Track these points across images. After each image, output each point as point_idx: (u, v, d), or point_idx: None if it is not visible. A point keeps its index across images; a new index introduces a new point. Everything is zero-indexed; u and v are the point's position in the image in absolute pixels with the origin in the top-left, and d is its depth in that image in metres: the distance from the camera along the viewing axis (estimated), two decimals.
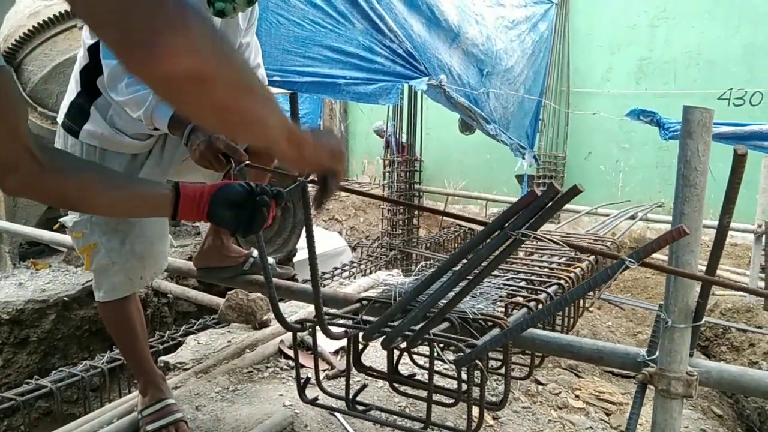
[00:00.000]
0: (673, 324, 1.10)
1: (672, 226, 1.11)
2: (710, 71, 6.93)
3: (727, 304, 4.03)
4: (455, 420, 2.04)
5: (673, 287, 1.10)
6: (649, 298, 5.15)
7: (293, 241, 4.86)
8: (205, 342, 2.69)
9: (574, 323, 1.91)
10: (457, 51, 4.81)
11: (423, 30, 4.39)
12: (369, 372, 1.49)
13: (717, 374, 1.14)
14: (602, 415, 2.29)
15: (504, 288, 1.56)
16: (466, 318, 1.30)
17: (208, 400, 2.10)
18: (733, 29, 6.76)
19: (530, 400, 2.31)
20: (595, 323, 3.70)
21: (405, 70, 4.17)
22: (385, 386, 2.23)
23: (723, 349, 3.63)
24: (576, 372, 2.67)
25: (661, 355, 1.13)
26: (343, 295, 1.70)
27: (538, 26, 6.35)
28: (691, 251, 1.07)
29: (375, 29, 3.88)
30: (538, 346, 1.32)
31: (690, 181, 1.05)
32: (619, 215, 3.41)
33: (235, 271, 1.90)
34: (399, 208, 6.10)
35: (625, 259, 0.87)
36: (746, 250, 5.82)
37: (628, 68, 7.49)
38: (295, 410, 1.99)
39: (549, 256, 2.01)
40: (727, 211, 0.94)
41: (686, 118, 1.05)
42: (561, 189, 0.87)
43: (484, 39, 5.14)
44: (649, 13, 7.31)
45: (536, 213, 0.89)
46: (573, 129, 7.80)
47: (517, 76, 5.75)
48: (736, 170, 0.86)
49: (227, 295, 2.96)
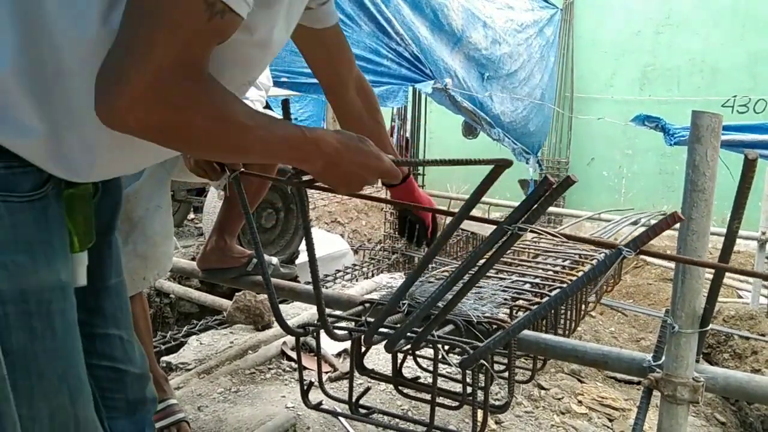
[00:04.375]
0: (680, 329, 1.09)
1: (679, 233, 1.11)
2: (714, 78, 6.92)
3: (730, 311, 4.02)
4: (458, 424, 2.04)
5: (680, 292, 1.09)
6: (651, 304, 5.13)
7: (296, 243, 4.85)
8: (208, 343, 2.68)
9: (576, 326, 1.90)
10: (458, 55, 4.82)
11: (428, 33, 4.40)
12: (372, 375, 1.49)
13: (723, 380, 1.13)
14: (605, 421, 2.29)
15: (508, 291, 1.56)
16: (470, 321, 1.30)
17: (210, 401, 2.10)
18: (738, 37, 6.76)
19: (533, 405, 2.31)
20: (597, 329, 3.69)
21: (411, 73, 4.17)
22: (387, 389, 2.22)
23: (725, 356, 3.62)
24: (579, 377, 2.66)
25: (667, 360, 1.12)
26: (347, 297, 1.69)
27: (544, 31, 6.35)
28: (699, 256, 1.07)
29: (382, 32, 3.89)
30: (543, 350, 1.32)
31: (698, 186, 1.05)
32: (621, 221, 3.40)
33: (238, 272, 1.90)
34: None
35: (622, 248, 0.85)
36: (749, 258, 5.80)
37: (632, 74, 7.49)
38: (298, 412, 1.99)
39: (554, 259, 2.00)
40: (737, 216, 0.93)
41: (695, 122, 1.05)
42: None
43: (488, 43, 5.14)
44: (654, 20, 7.31)
45: (531, 206, 0.89)
46: (576, 135, 7.79)
47: (522, 80, 5.74)
48: (746, 175, 0.86)
49: (235, 297, 2.96)
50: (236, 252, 1.91)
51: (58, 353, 0.85)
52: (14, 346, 0.80)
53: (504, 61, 5.40)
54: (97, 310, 1.08)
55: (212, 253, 1.90)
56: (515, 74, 5.63)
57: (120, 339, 1.12)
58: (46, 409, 0.83)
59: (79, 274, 0.96)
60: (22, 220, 0.81)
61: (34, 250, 0.82)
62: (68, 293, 0.89)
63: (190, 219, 6.16)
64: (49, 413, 0.84)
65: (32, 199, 0.82)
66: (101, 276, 1.07)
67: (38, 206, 0.83)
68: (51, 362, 0.84)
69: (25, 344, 0.81)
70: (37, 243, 0.83)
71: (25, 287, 0.81)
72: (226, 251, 1.89)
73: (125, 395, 1.13)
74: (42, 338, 0.83)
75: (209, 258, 1.91)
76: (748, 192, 0.90)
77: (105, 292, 1.09)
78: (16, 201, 0.80)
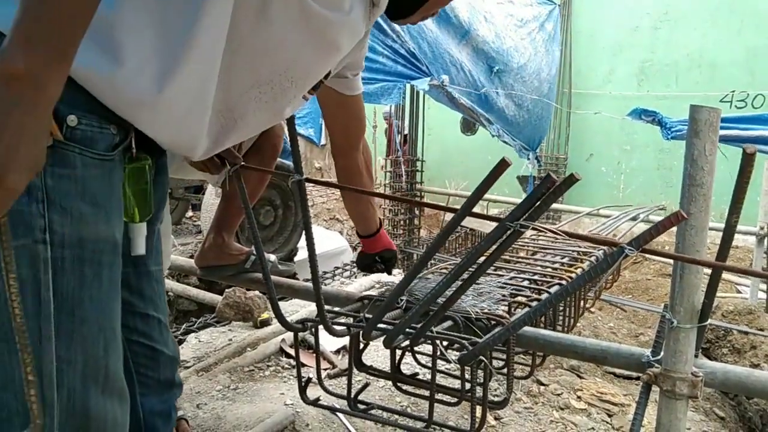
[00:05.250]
0: (679, 324, 1.09)
1: (677, 229, 1.10)
2: (712, 74, 6.92)
3: (729, 306, 4.02)
4: (457, 420, 2.04)
5: (679, 287, 1.09)
6: (650, 300, 5.14)
7: (294, 240, 4.84)
8: (206, 340, 2.68)
9: (575, 322, 1.90)
10: (466, 48, 4.80)
11: (433, 26, 4.38)
12: (371, 371, 1.49)
13: (722, 375, 1.13)
14: (604, 416, 2.29)
15: (507, 287, 1.56)
16: (469, 317, 1.30)
17: (209, 399, 2.10)
18: (735, 32, 6.76)
19: (532, 401, 2.31)
20: (596, 324, 3.69)
21: (407, 70, 4.16)
22: (386, 385, 2.22)
23: (724, 351, 3.62)
24: (578, 373, 2.66)
25: (666, 355, 1.12)
26: (345, 293, 1.69)
27: (545, 26, 6.35)
28: (697, 251, 1.07)
29: (377, 28, 3.87)
30: (542, 345, 1.32)
31: (697, 181, 1.04)
32: (620, 217, 3.40)
33: (236, 269, 1.89)
34: (400, 208, 6.09)
35: (624, 246, 0.85)
36: (747, 253, 5.81)
37: (630, 70, 7.49)
38: (297, 409, 1.99)
39: (552, 255, 2.00)
40: (735, 210, 0.93)
41: (693, 117, 1.04)
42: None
43: (493, 36, 5.13)
44: (652, 16, 7.31)
45: (533, 203, 0.89)
46: (574, 130, 7.80)
47: (531, 73, 5.73)
48: (745, 169, 0.86)
49: (225, 293, 2.96)
50: (234, 249, 1.90)
51: (101, 304, 0.89)
52: (64, 288, 0.84)
53: (511, 54, 5.40)
54: (139, 291, 1.14)
55: (210, 251, 1.90)
56: (525, 67, 5.62)
57: (158, 321, 1.19)
58: (82, 355, 0.86)
59: (138, 244, 1.04)
60: (92, 175, 0.86)
61: (97, 204, 0.87)
62: (118, 251, 0.93)
63: (189, 216, 6.15)
64: (84, 359, 0.86)
65: (104, 158, 0.88)
66: (144, 261, 1.12)
67: (108, 167, 0.89)
68: (93, 311, 0.88)
69: (74, 288, 0.85)
70: (100, 198, 0.88)
71: (84, 235, 0.86)
72: (224, 248, 1.89)
73: (158, 374, 1.20)
74: (90, 286, 0.87)
75: (207, 255, 1.91)
76: (747, 186, 0.89)
77: (146, 276, 1.15)
78: (89, 156, 0.86)
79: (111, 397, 0.91)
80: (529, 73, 5.69)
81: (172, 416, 1.27)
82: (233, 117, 1.04)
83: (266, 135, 1.84)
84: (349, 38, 1.10)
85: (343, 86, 1.40)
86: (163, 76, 0.87)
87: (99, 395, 0.89)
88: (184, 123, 0.96)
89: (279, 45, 0.98)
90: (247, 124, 1.08)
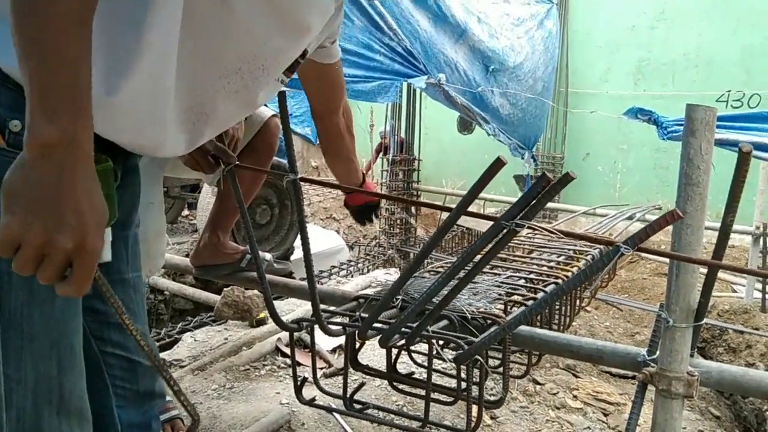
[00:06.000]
0: (674, 324, 1.09)
1: (673, 228, 1.10)
2: (708, 73, 6.94)
3: (725, 305, 4.03)
4: (453, 419, 2.04)
5: (675, 286, 1.09)
6: (646, 299, 5.15)
7: (290, 239, 4.83)
8: (202, 339, 2.68)
9: (571, 321, 1.90)
10: (463, 47, 4.80)
11: (429, 26, 4.37)
12: (367, 370, 1.48)
13: (717, 374, 1.13)
14: (600, 416, 2.29)
15: (503, 286, 1.55)
16: (465, 316, 1.29)
17: (204, 398, 2.09)
18: (731, 31, 6.78)
19: (528, 400, 2.31)
20: (592, 323, 3.70)
21: (403, 68, 4.15)
22: (382, 385, 2.22)
23: (720, 350, 3.63)
24: (574, 372, 2.66)
25: (661, 354, 1.12)
26: (341, 293, 1.68)
27: (545, 24, 6.34)
28: (693, 250, 1.07)
29: (374, 26, 3.86)
30: (538, 345, 1.31)
31: (692, 180, 1.04)
32: (616, 216, 3.40)
33: (231, 268, 1.89)
34: (396, 207, 6.09)
35: (620, 245, 0.85)
36: (743, 252, 5.82)
37: (627, 69, 7.50)
38: (292, 408, 1.98)
39: (548, 254, 2.00)
40: (731, 209, 0.93)
41: (689, 116, 1.04)
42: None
43: (487, 36, 5.13)
44: (648, 15, 7.32)
45: (529, 202, 0.88)
46: (571, 130, 7.80)
47: (527, 72, 5.72)
48: (741, 168, 0.85)
49: (223, 292, 2.95)
50: (229, 248, 1.89)
51: (54, 321, 0.85)
52: (12, 304, 0.81)
53: (507, 53, 5.39)
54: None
55: (205, 250, 1.89)
56: (521, 66, 5.62)
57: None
58: (33, 374, 0.83)
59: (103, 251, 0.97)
60: None
61: None
62: None
63: (185, 215, 6.14)
64: (35, 378, 0.83)
65: None
66: (117, 269, 1.09)
67: None
68: (45, 328, 0.84)
69: (23, 304, 0.82)
70: None
71: None
72: (219, 247, 1.88)
73: (136, 386, 1.15)
74: (41, 302, 0.83)
75: (202, 254, 1.90)
76: (743, 186, 0.89)
77: (120, 284, 1.10)
78: None
79: (68, 418, 0.87)
80: (525, 72, 5.69)
81: (152, 427, 1.22)
82: (204, 111, 1.01)
83: (262, 134, 1.84)
84: (319, 17, 1.07)
85: (321, 56, 1.37)
86: (110, 76, 0.83)
87: (53, 416, 0.85)
88: (143, 123, 0.93)
89: (244, 31, 0.95)
90: (218, 117, 1.05)
